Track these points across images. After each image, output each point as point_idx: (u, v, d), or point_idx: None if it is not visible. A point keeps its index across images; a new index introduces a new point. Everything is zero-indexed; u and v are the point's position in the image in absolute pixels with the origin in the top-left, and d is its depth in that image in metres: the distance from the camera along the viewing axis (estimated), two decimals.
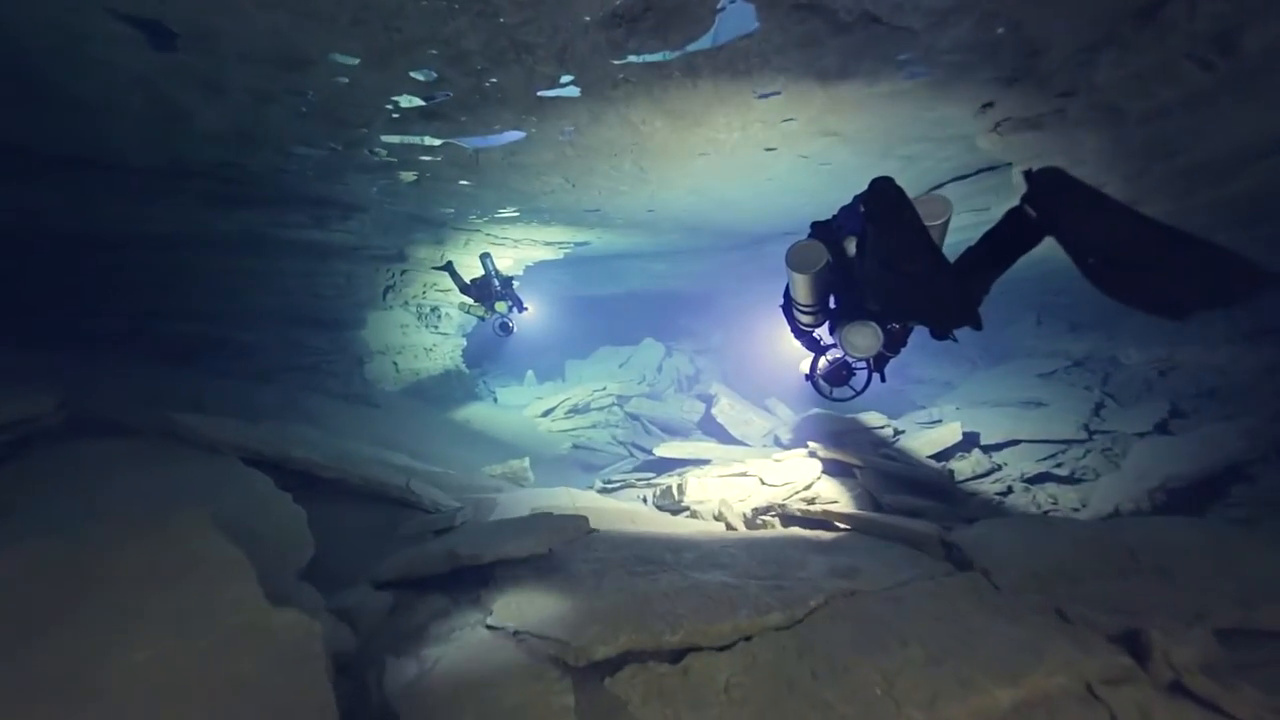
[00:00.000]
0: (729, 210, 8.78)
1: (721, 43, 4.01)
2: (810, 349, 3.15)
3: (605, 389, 12.69)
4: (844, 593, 2.78)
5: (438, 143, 5.65)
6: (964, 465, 6.17)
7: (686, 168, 6.61)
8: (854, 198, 2.54)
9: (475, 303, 9.34)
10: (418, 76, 4.23)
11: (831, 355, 3.09)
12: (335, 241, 8.16)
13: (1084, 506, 5.10)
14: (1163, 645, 2.36)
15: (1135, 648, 2.43)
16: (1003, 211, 2.08)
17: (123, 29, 3.54)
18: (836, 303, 2.72)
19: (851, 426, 7.21)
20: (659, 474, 7.49)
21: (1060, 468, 6.33)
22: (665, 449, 7.54)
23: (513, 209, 8.39)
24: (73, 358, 5.67)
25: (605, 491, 6.99)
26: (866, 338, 2.52)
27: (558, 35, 3.72)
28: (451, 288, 10.82)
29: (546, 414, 12.35)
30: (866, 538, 3.66)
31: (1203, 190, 5.11)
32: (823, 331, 3.01)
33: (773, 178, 7.28)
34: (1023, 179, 1.81)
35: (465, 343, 13.13)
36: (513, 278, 9.79)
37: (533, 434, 11.45)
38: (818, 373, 3.11)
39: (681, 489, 5.35)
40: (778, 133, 5.68)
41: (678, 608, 2.58)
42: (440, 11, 3.41)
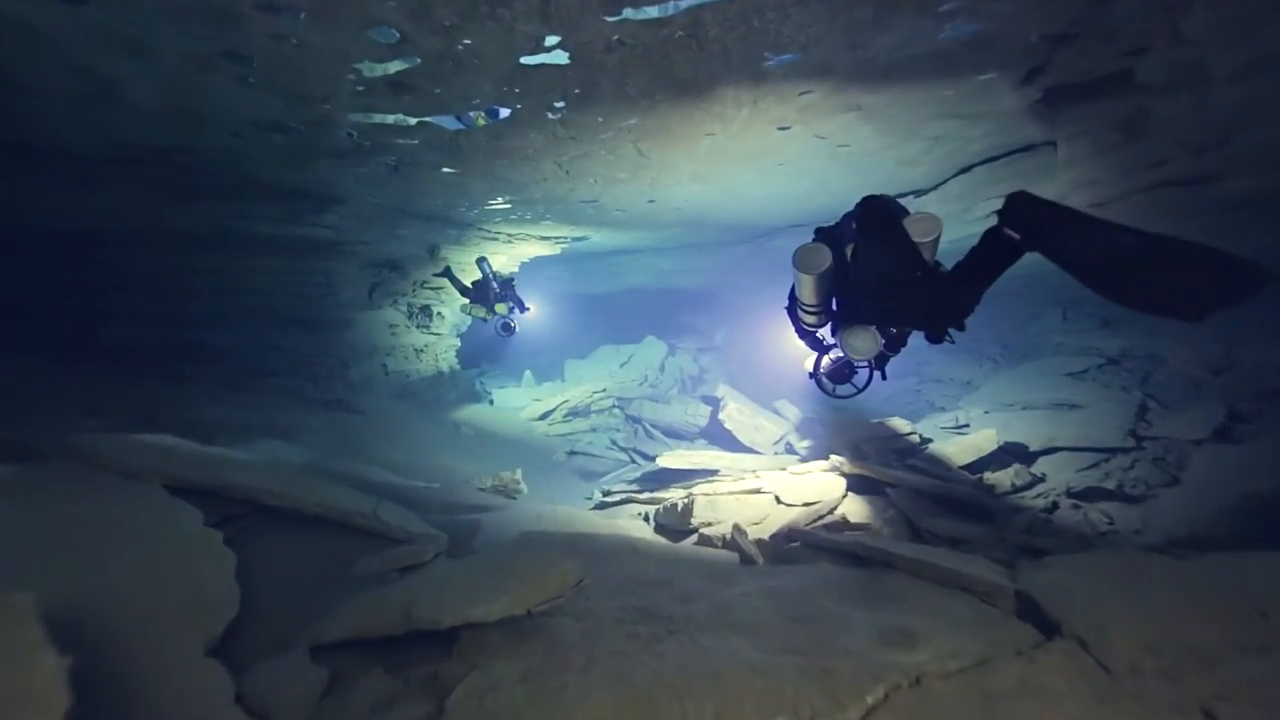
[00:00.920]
0: (736, 200, 8.16)
1: None
2: (814, 348, 3.25)
3: (605, 391, 12.08)
4: (907, 677, 2.16)
5: (413, 122, 5.04)
6: (1001, 477, 5.55)
7: (690, 150, 5.99)
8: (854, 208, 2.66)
9: (475, 305, 9.41)
10: (377, 38, 3.63)
11: (834, 354, 3.19)
12: (313, 237, 7.57)
13: (1145, 528, 4.48)
14: None
15: None
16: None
17: None
18: (838, 305, 2.83)
19: (875, 432, 6.58)
20: (662, 484, 6.89)
21: (1107, 479, 5.70)
22: (669, 459, 6.94)
23: (503, 199, 7.79)
24: (5, 366, 5.09)
25: (604, 506, 6.40)
26: (866, 341, 2.67)
27: None
28: (443, 285, 10.48)
29: (544, 417, 11.76)
30: (911, 575, 3.05)
31: None
32: (825, 332, 3.12)
33: (785, 162, 6.66)
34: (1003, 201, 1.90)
35: (459, 343, 12.58)
36: (512, 278, 9.70)
37: (529, 439, 10.86)
38: (821, 371, 3.23)
39: (689, 508, 4.75)
40: (792, 108, 5.06)
41: (689, 710, 1.95)
42: None
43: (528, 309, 9.59)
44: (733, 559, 3.72)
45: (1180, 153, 4.38)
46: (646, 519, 5.61)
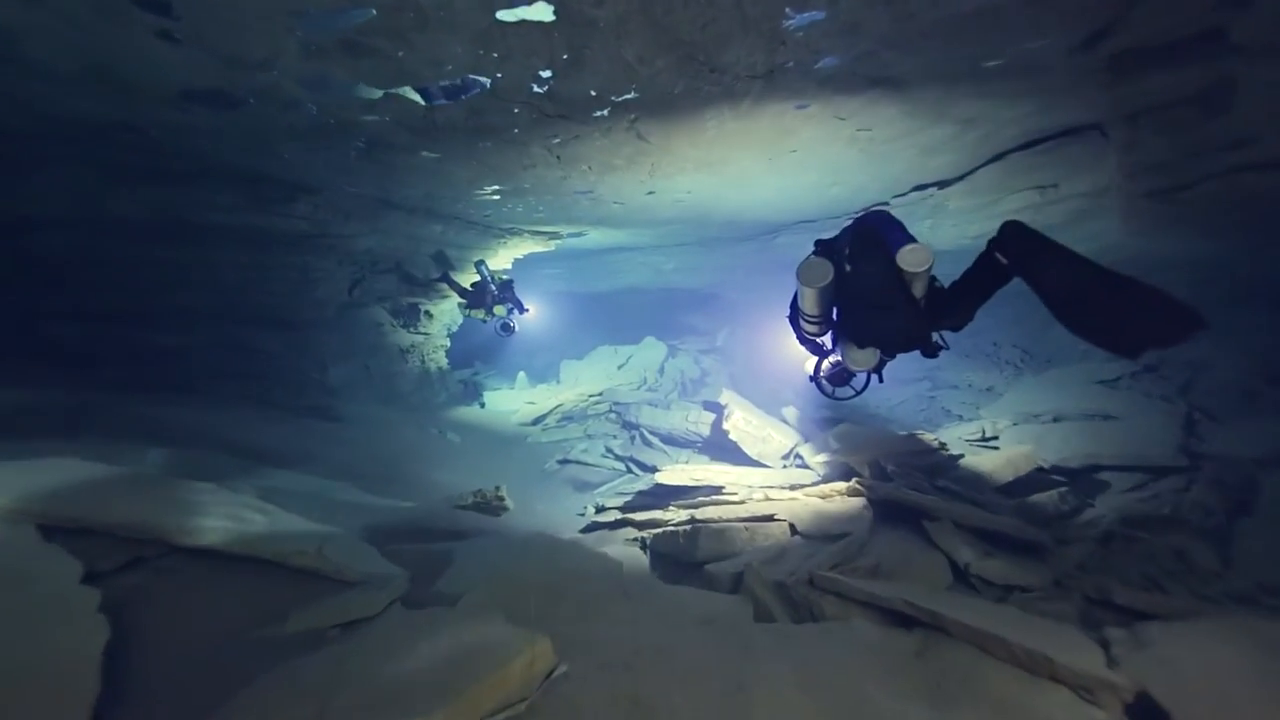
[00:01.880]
0: (742, 192, 7.54)
1: None
2: (814, 353, 3.35)
3: (601, 395, 11.45)
4: None
5: (378, 94, 4.42)
6: (1044, 500, 4.91)
7: (695, 133, 5.38)
8: (854, 220, 2.84)
9: (474, 309, 9.55)
10: None
11: (833, 358, 3.27)
12: (283, 228, 6.95)
13: (1227, 569, 3.84)
14: None
15: None
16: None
17: None
18: (839, 316, 2.91)
19: (900, 448, 5.93)
20: (660, 501, 6.25)
21: (1157, 502, 5.07)
22: (668, 474, 6.31)
23: (491, 188, 7.16)
24: None
25: (595, 528, 5.77)
26: (866, 355, 2.78)
27: None
28: (430, 283, 9.99)
29: (537, 421, 11.14)
30: (976, 648, 2.42)
31: None
32: (826, 338, 3.20)
33: (798, 149, 6.04)
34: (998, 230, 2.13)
35: (449, 342, 11.97)
36: (511, 281, 9.65)
37: (520, 445, 10.24)
38: (821, 374, 3.34)
39: (692, 538, 4.13)
40: (812, 80, 4.44)
41: None
42: None
43: (526, 310, 9.67)
44: (745, 611, 3.10)
45: (1271, 131, 3.75)
46: (643, 546, 4.99)
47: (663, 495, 6.14)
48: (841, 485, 4.93)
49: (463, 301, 9.64)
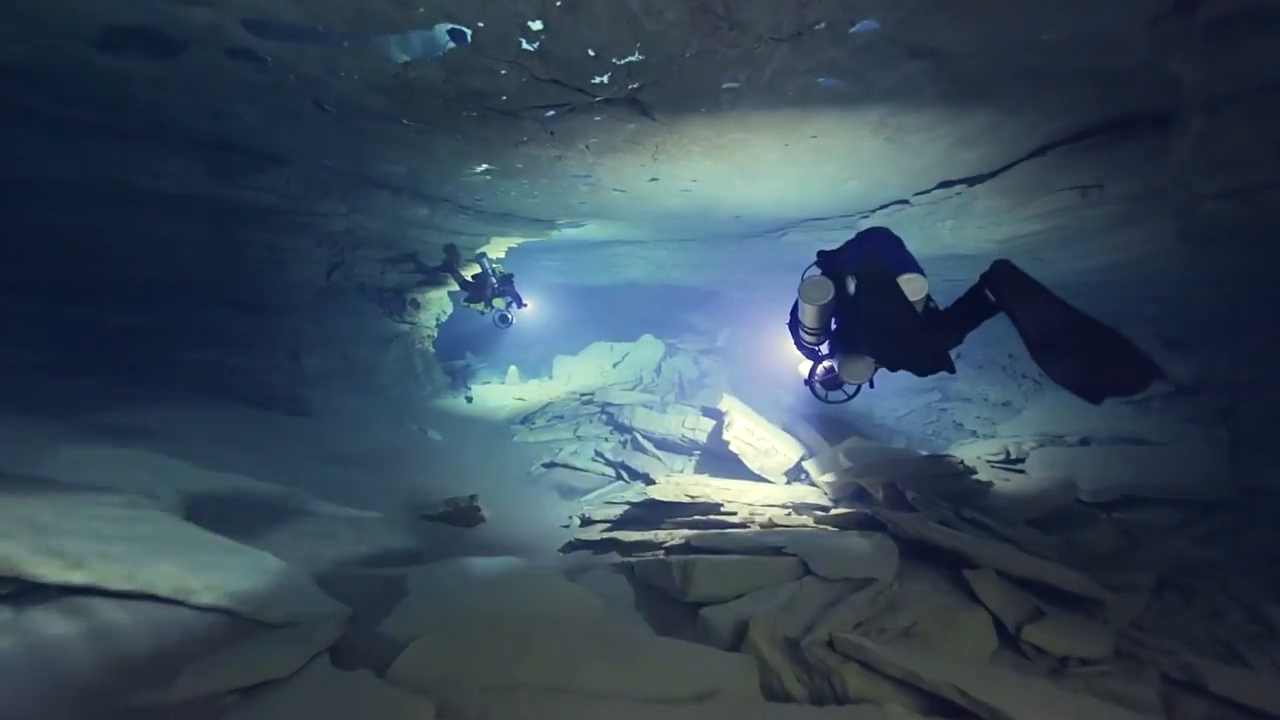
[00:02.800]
0: (752, 182, 6.93)
1: None
2: (810, 358, 3.47)
3: (592, 395, 10.86)
4: None
5: (344, 45, 3.80)
6: (1091, 540, 4.33)
7: (707, 109, 4.77)
8: (855, 236, 2.99)
9: (473, 301, 9.54)
10: None
11: (827, 364, 3.38)
12: (247, 201, 6.31)
13: None
14: None
15: None
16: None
17: None
18: (836, 327, 3.07)
19: (917, 469, 5.33)
20: (652, 516, 5.67)
21: (1210, 544, 4.50)
22: (662, 488, 5.71)
23: (479, 166, 6.54)
24: None
25: (578, 547, 5.19)
26: (862, 368, 2.97)
27: None
28: (417, 268, 9.47)
29: (525, 420, 10.54)
30: None
31: None
32: (822, 346, 3.33)
33: (818, 134, 5.45)
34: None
35: (436, 333, 11.37)
36: (511, 275, 9.64)
37: (506, 445, 9.65)
38: (815, 378, 3.45)
39: (686, 573, 3.54)
40: (844, 49, 3.84)
41: None
42: None
43: (525, 305, 9.76)
44: (750, 680, 2.52)
45: None
46: (630, 571, 4.41)
47: (654, 512, 5.55)
48: (856, 512, 4.33)
49: (463, 293, 9.59)
